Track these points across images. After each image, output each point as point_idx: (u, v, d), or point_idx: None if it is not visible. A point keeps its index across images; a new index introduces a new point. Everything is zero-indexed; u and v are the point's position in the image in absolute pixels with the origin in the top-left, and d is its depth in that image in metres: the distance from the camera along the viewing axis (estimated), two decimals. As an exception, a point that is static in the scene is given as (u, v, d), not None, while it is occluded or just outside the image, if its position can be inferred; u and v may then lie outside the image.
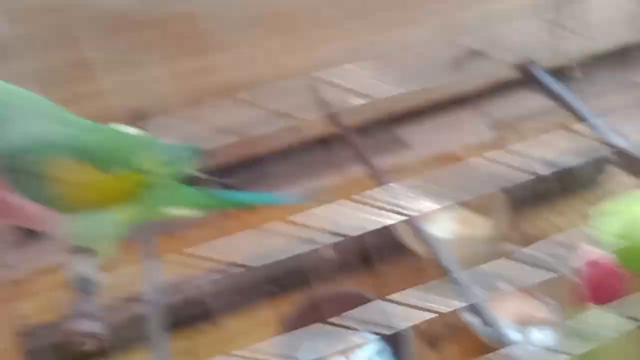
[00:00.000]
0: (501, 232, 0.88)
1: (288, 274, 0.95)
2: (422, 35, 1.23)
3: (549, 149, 1.27)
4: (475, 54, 1.33)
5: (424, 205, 0.97)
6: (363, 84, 1.26)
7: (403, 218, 0.91)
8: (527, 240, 1.00)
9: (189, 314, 0.92)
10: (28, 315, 0.96)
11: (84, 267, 0.54)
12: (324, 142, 1.24)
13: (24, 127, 0.46)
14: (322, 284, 0.96)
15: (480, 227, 0.92)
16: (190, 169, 0.59)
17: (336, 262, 0.96)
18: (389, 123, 1.37)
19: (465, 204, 0.97)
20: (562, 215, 1.05)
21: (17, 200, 0.47)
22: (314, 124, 1.11)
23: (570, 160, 1.10)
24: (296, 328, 0.80)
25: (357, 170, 1.29)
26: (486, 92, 1.35)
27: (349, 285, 0.96)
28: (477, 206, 0.96)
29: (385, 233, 0.97)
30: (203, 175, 0.61)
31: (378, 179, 0.83)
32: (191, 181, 0.60)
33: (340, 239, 0.98)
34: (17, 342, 0.90)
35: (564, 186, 1.08)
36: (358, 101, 1.25)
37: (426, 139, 1.28)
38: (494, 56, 1.32)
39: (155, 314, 0.63)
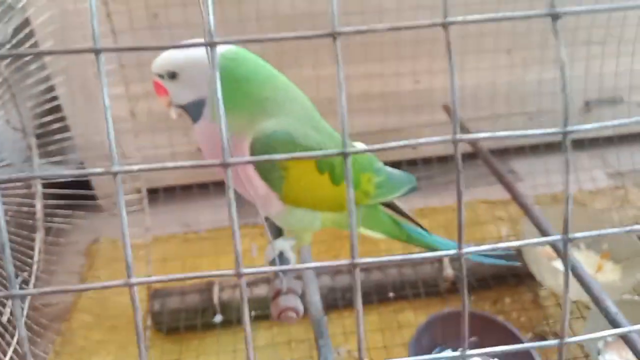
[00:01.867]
0: (632, 281, 0.87)
1: (408, 283, 0.98)
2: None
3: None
4: (608, 101, 1.33)
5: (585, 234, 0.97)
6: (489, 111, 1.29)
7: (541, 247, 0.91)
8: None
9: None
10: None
11: (285, 248, 0.60)
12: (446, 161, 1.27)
13: (287, 120, 0.52)
14: (437, 298, 0.98)
15: (609, 273, 0.91)
16: (399, 197, 0.63)
17: (452, 280, 0.98)
18: (506, 155, 1.39)
19: (594, 248, 0.97)
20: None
21: (255, 177, 0.52)
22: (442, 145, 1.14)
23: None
24: (423, 338, 0.82)
25: (471, 194, 1.31)
26: (610, 139, 1.34)
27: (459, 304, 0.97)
28: (609, 252, 0.96)
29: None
30: (407, 209, 0.65)
31: (520, 203, 0.84)
32: (394, 209, 0.65)
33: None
34: (146, 301, 0.96)
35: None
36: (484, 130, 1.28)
37: (543, 176, 1.28)
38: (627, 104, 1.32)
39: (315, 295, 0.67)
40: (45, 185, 1.00)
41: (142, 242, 1.00)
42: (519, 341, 0.80)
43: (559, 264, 0.87)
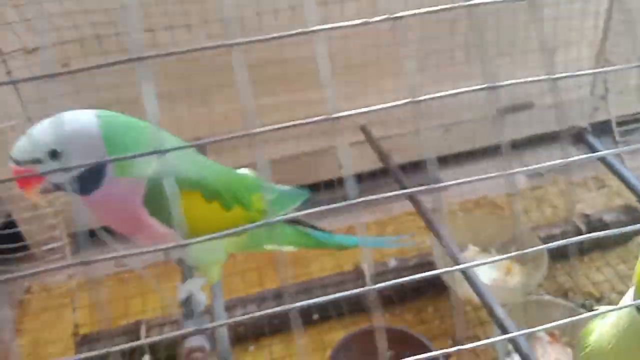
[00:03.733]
0: (537, 282, 0.92)
1: (331, 304, 1.00)
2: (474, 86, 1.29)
3: (586, 204, 1.31)
4: (523, 106, 1.39)
5: (469, 248, 1.01)
6: (410, 127, 1.34)
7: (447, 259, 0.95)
8: (562, 292, 1.04)
9: (236, 335, 0.98)
10: (85, 324, 1.03)
11: (194, 289, 0.62)
12: (369, 178, 1.30)
13: (165, 162, 0.54)
14: (361, 316, 1.01)
15: (517, 275, 0.95)
16: (293, 210, 0.66)
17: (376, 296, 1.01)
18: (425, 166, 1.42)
19: (503, 251, 1.01)
20: (598, 270, 1.08)
21: (149, 220, 0.54)
22: (362, 161, 1.18)
23: (606, 215, 1.13)
24: (340, 358, 0.85)
25: (398, 207, 1.35)
26: (528, 142, 1.40)
27: (386, 319, 1.00)
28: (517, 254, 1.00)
29: (425, 270, 1.02)
30: (304, 220, 0.68)
31: (424, 217, 0.88)
32: (293, 221, 0.68)
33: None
34: (74, 349, 0.96)
35: (599, 241, 1.12)
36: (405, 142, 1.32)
37: (469, 184, 1.32)
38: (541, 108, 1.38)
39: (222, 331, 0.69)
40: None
41: (67, 289, 1.01)
42: (430, 351, 0.84)
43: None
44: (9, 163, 0.51)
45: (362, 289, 0.33)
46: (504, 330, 0.69)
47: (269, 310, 0.31)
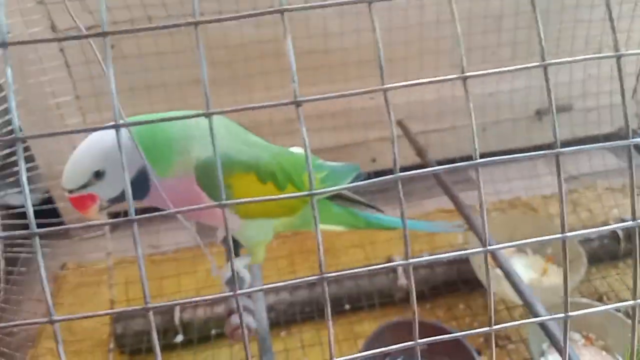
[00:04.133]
0: (574, 285, 0.91)
1: (363, 294, 1.01)
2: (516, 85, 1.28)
3: (624, 208, 1.28)
4: (562, 109, 1.38)
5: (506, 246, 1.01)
6: (449, 123, 1.33)
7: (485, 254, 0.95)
8: (597, 296, 1.03)
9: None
10: (120, 300, 1.05)
11: (239, 268, 0.63)
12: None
13: (220, 145, 0.54)
14: (392, 308, 1.01)
15: (553, 276, 0.94)
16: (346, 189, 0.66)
17: (406, 289, 1.01)
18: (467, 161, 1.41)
19: (540, 252, 1.00)
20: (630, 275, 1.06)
21: (207, 201, 0.55)
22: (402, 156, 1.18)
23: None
24: (374, 348, 0.85)
25: (431, 204, 1.35)
26: (566, 145, 1.37)
27: (418, 314, 1.00)
28: (554, 256, 0.99)
29: (459, 267, 1.01)
30: (354, 196, 0.68)
31: (462, 212, 0.88)
32: (345, 200, 0.68)
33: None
34: (109, 324, 0.98)
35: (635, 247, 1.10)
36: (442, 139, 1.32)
37: (500, 183, 1.32)
38: (581, 112, 1.36)
39: (261, 313, 0.70)
40: (10, 216, 1.03)
41: (105, 266, 1.03)
42: (465, 348, 0.83)
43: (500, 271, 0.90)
44: (65, 194, 0.53)
45: (395, 264, 0.32)
46: (544, 328, 0.68)
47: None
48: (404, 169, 0.27)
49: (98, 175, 0.51)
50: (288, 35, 0.25)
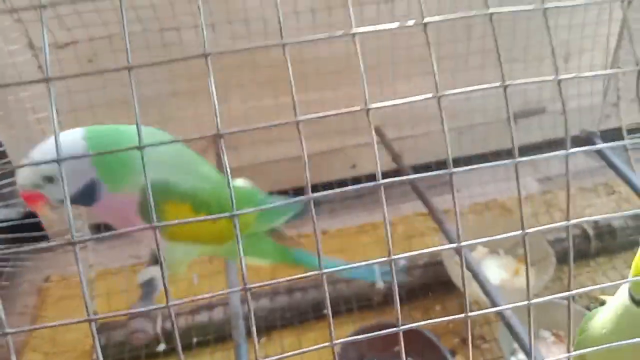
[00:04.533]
0: (544, 284, 0.94)
1: (341, 299, 1.03)
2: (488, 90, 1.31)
3: (596, 209, 1.32)
4: (535, 111, 1.41)
5: (478, 249, 1.04)
6: (424, 129, 1.36)
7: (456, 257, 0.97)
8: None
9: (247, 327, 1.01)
10: (100, 312, 1.07)
11: (155, 274, 0.66)
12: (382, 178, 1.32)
13: (161, 171, 0.58)
14: (369, 312, 1.03)
15: (524, 276, 0.97)
16: (280, 224, 0.69)
17: (384, 293, 1.03)
18: (442, 167, 1.44)
19: (512, 253, 1.03)
20: (604, 274, 1.09)
21: (139, 222, 0.59)
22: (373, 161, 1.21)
23: (614, 221, 1.15)
24: (349, 352, 0.87)
25: (408, 207, 1.38)
26: (538, 147, 1.41)
27: (392, 316, 1.03)
28: (522, 255, 1.02)
29: (435, 270, 1.04)
30: (285, 233, 0.71)
31: (435, 217, 0.90)
32: (275, 236, 0.71)
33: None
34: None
35: (606, 246, 1.13)
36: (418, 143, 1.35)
37: (477, 186, 1.35)
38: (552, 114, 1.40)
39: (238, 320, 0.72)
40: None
41: (89, 278, 1.04)
42: (438, 349, 0.86)
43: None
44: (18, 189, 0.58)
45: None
46: (511, 329, 0.71)
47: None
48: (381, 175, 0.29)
49: (49, 179, 0.56)
50: (358, 54, 0.27)
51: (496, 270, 0.98)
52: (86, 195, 0.57)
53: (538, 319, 0.87)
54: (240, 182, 0.69)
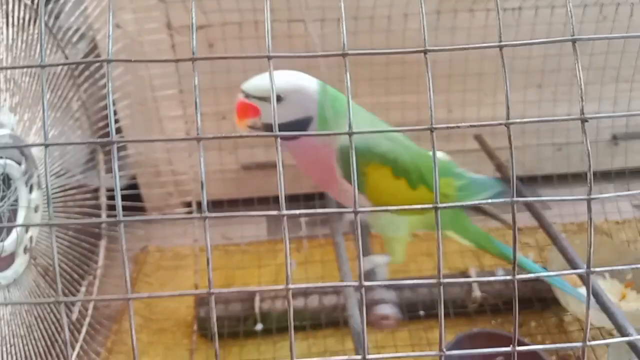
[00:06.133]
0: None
1: (436, 302, 1.03)
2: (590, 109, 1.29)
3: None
4: (635, 135, 1.38)
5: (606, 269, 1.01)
6: (520, 142, 1.35)
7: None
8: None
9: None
10: (202, 286, 1.10)
11: (379, 264, 0.67)
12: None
13: (362, 136, 0.59)
14: (464, 319, 1.03)
15: (632, 301, 0.95)
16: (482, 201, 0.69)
17: (484, 302, 1.03)
18: (536, 182, 1.43)
19: (619, 277, 1.01)
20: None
21: (343, 181, 0.60)
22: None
23: None
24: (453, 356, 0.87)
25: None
26: (637, 171, 1.37)
27: (490, 326, 1.02)
28: (633, 281, 1.00)
29: (534, 285, 1.03)
30: (493, 211, 0.71)
31: (546, 230, 0.89)
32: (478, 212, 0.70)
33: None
34: (194, 309, 1.04)
35: None
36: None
37: (570, 206, 1.32)
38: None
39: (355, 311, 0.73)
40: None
41: (189, 252, 1.09)
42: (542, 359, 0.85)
43: (582, 290, 0.91)
44: (238, 95, 0.56)
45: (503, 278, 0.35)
46: (636, 351, 0.70)
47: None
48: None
49: (278, 99, 0.55)
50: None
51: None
52: (298, 126, 0.57)
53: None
54: (439, 154, 0.69)
